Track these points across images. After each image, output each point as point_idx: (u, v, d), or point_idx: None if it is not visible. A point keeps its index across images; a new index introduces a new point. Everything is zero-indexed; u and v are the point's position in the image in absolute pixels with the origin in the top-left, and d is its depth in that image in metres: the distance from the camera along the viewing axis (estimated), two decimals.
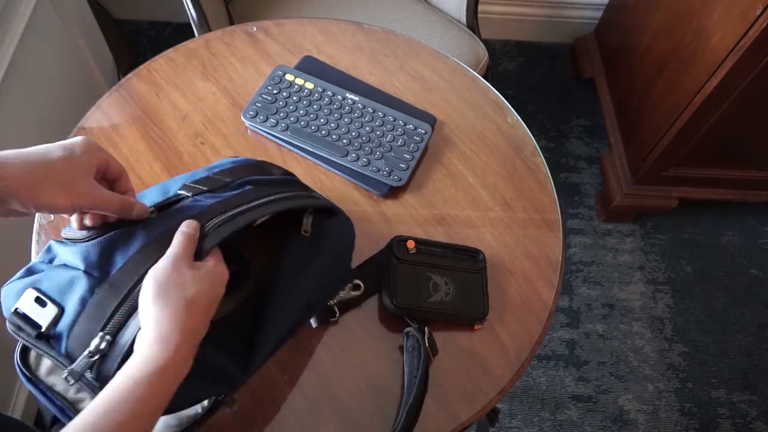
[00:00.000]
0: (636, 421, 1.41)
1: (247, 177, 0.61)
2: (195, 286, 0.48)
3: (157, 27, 1.89)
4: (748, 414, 1.44)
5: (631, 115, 1.56)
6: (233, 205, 0.56)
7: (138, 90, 0.86)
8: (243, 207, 0.56)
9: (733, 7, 1.14)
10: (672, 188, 1.55)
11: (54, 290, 0.51)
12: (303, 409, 0.64)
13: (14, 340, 0.51)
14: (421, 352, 0.64)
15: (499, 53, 1.97)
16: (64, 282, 0.51)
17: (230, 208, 0.55)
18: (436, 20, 1.28)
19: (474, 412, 0.65)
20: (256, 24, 0.94)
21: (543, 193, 0.82)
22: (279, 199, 0.59)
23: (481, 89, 0.91)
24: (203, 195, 0.57)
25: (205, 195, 0.57)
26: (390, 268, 0.69)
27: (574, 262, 1.61)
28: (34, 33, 1.18)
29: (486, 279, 0.72)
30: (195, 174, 0.61)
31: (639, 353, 1.50)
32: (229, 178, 0.60)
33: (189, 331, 0.47)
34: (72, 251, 0.52)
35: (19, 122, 1.15)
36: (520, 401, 1.41)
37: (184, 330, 0.46)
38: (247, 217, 0.55)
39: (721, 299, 1.59)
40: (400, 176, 0.79)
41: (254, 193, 0.58)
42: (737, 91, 1.21)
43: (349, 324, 0.69)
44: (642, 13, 1.51)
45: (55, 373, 0.53)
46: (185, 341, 0.46)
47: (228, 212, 0.55)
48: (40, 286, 0.51)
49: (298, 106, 0.84)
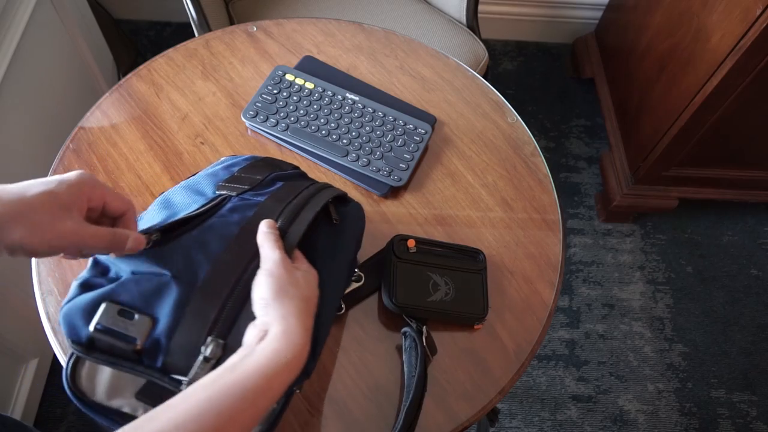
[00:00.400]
0: (636, 421, 1.41)
1: (271, 173, 0.61)
2: (306, 286, 0.49)
3: (157, 27, 1.89)
4: (748, 414, 1.44)
5: (631, 115, 1.56)
6: (285, 201, 0.56)
7: (138, 90, 0.86)
8: (295, 201, 0.56)
9: (733, 7, 1.14)
10: (672, 188, 1.55)
11: (139, 300, 0.47)
12: (303, 409, 0.64)
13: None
14: (418, 352, 0.64)
15: (499, 53, 1.97)
16: (150, 290, 0.47)
17: (284, 204, 0.56)
18: (436, 20, 1.28)
19: (474, 412, 0.65)
20: (256, 24, 0.94)
21: (543, 193, 0.82)
22: (316, 190, 0.59)
23: (481, 89, 0.91)
24: (247, 193, 0.57)
25: (249, 193, 0.57)
26: (390, 267, 0.69)
27: (574, 262, 1.61)
28: (34, 33, 1.18)
29: (486, 279, 0.72)
30: (215, 174, 0.61)
31: (639, 353, 1.50)
32: (259, 176, 0.60)
33: (308, 330, 0.47)
34: (141, 259, 0.49)
35: (20, 122, 1.15)
36: (520, 401, 1.41)
37: (307, 328, 0.46)
38: (308, 211, 0.55)
39: (721, 299, 1.59)
40: (400, 176, 0.79)
41: (291, 187, 0.59)
42: (737, 91, 1.21)
43: (349, 324, 0.69)
44: (642, 13, 1.51)
45: (120, 395, 0.48)
46: (307, 339, 0.46)
47: (286, 209, 0.55)
48: (118, 298, 0.46)
49: (298, 106, 0.84)
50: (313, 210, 0.56)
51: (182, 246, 0.50)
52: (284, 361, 0.43)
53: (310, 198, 0.57)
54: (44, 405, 1.27)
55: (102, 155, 0.80)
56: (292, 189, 0.59)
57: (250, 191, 0.58)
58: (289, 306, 0.46)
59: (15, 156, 1.14)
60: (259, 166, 0.63)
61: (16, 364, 1.18)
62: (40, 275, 0.70)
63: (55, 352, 0.66)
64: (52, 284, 0.69)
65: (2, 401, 1.13)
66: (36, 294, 0.69)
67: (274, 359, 0.43)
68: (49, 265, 0.71)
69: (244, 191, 0.57)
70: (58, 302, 0.68)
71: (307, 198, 0.57)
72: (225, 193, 0.57)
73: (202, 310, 0.47)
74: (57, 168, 0.79)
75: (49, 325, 0.67)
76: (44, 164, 0.83)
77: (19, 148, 1.15)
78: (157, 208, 0.58)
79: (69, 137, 0.81)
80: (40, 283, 0.70)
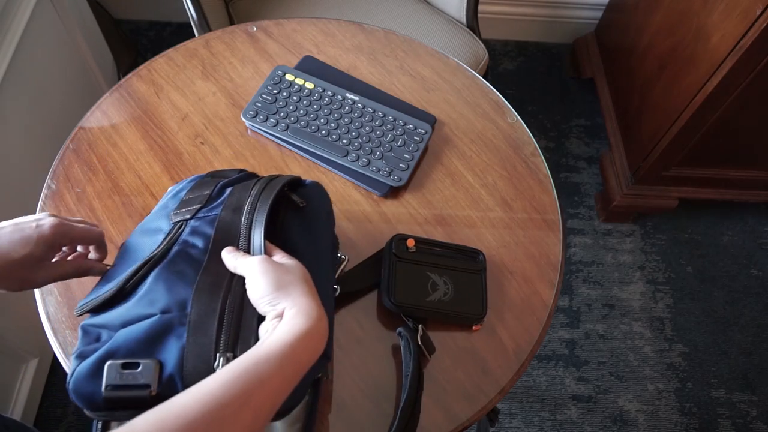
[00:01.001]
0: (636, 421, 1.41)
1: (218, 183, 0.61)
2: (298, 269, 0.50)
3: (157, 27, 1.89)
4: (748, 414, 1.44)
5: (631, 115, 1.56)
6: (241, 203, 0.56)
7: (138, 90, 0.86)
8: (250, 199, 0.56)
9: (733, 7, 1.14)
10: (672, 188, 1.55)
11: (137, 349, 0.47)
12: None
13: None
14: (412, 351, 0.64)
15: (499, 53, 1.97)
16: (145, 335, 0.47)
17: (241, 205, 0.55)
18: (436, 20, 1.28)
19: (474, 412, 0.65)
20: (256, 24, 0.94)
21: (543, 193, 0.82)
22: (266, 182, 0.59)
23: (481, 89, 0.91)
24: (201, 211, 0.57)
25: (203, 211, 0.57)
26: (389, 266, 0.69)
27: (574, 262, 1.61)
28: (34, 33, 1.18)
29: (485, 280, 0.72)
30: (164, 206, 0.61)
31: (639, 353, 1.50)
32: (207, 191, 0.60)
33: (320, 304, 0.47)
34: (125, 309, 0.49)
35: (20, 122, 1.15)
36: (520, 401, 1.41)
37: (318, 302, 0.47)
38: (264, 202, 0.55)
39: (721, 299, 1.59)
40: (400, 176, 0.79)
41: (242, 189, 0.58)
42: (737, 91, 1.21)
43: (349, 324, 0.69)
44: (642, 12, 1.51)
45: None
46: (322, 311, 0.47)
47: (244, 208, 0.55)
48: (117, 355, 0.46)
49: (298, 106, 0.84)
50: (268, 198, 0.55)
51: (159, 281, 0.50)
52: (305, 329, 0.44)
53: (262, 191, 0.57)
54: (44, 405, 1.27)
55: (102, 155, 0.80)
56: (243, 190, 0.58)
57: (203, 209, 0.57)
58: (293, 290, 0.47)
59: (15, 156, 1.14)
60: (205, 182, 0.62)
61: (16, 364, 1.18)
62: None
63: (55, 352, 0.66)
64: (52, 284, 0.69)
65: (2, 401, 1.13)
66: (36, 294, 0.69)
67: (294, 329, 0.44)
68: None
69: (197, 211, 0.57)
70: (58, 302, 0.68)
71: (260, 191, 0.57)
72: (179, 219, 0.56)
73: (202, 333, 0.47)
74: (57, 168, 0.79)
75: (49, 325, 0.67)
76: (44, 164, 0.83)
77: (19, 148, 1.15)
78: (119, 261, 0.57)
79: (69, 137, 0.81)
80: None
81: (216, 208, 0.57)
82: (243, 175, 0.64)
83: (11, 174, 1.12)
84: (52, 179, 0.78)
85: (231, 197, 0.57)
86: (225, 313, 0.48)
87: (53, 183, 0.78)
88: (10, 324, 1.11)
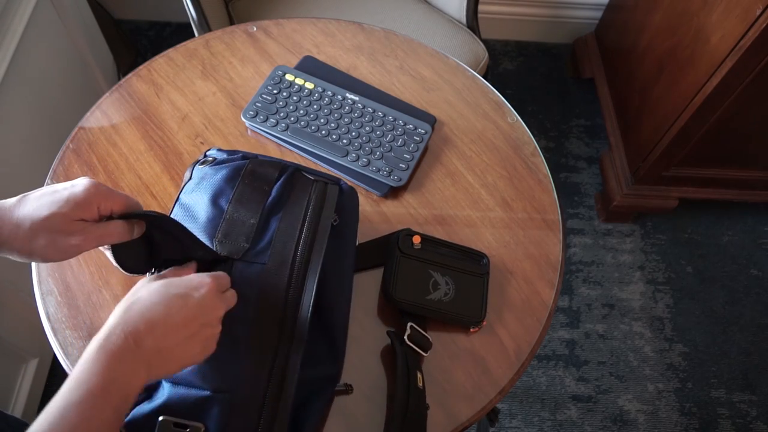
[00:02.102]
0: (636, 421, 1.41)
1: (263, 202, 0.60)
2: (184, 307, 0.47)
3: (157, 27, 1.89)
4: (748, 414, 1.44)
5: (631, 115, 1.56)
6: (282, 259, 0.57)
7: (138, 90, 0.86)
8: (297, 258, 0.57)
9: (733, 7, 1.14)
10: (672, 188, 1.55)
11: (186, 413, 0.51)
12: None
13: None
14: (396, 351, 0.64)
15: (499, 53, 1.97)
16: (192, 403, 0.51)
17: (283, 262, 0.57)
18: (436, 20, 1.28)
19: (474, 412, 0.65)
20: (256, 24, 0.94)
21: (543, 193, 0.82)
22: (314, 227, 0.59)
23: (481, 89, 0.91)
24: (249, 254, 0.57)
25: (250, 254, 0.57)
26: (393, 260, 0.69)
27: (574, 262, 1.61)
28: (34, 33, 1.18)
29: (488, 283, 0.72)
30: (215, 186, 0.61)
31: (639, 353, 1.50)
32: (251, 216, 0.59)
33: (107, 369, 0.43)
34: (183, 378, 0.52)
35: (20, 122, 1.15)
36: (520, 401, 1.41)
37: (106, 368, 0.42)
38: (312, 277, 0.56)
39: (721, 299, 1.59)
40: (400, 176, 0.79)
41: (288, 227, 0.59)
42: (737, 91, 1.21)
43: (349, 324, 0.69)
44: (642, 13, 1.51)
45: None
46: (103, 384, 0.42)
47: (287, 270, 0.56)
48: (167, 413, 0.51)
49: (298, 106, 0.84)
50: (324, 236, 0.57)
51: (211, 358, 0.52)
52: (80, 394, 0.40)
53: (311, 241, 0.57)
54: (44, 405, 1.27)
55: (102, 155, 0.80)
56: (289, 228, 0.58)
57: (251, 250, 0.57)
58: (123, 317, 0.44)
59: (15, 156, 1.14)
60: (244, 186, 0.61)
61: (16, 364, 1.18)
62: (40, 275, 0.70)
63: (55, 352, 0.66)
64: (52, 284, 0.69)
65: (2, 401, 1.13)
66: (36, 294, 0.69)
67: (68, 395, 0.40)
68: (49, 266, 0.71)
69: (244, 252, 0.57)
70: (58, 302, 0.68)
71: (308, 241, 0.57)
72: (224, 253, 0.56)
73: (245, 415, 0.50)
74: (57, 168, 0.79)
75: (49, 325, 0.67)
76: (44, 164, 0.83)
77: (19, 148, 1.15)
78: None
79: (69, 137, 0.81)
80: (40, 283, 0.70)
81: (263, 254, 0.57)
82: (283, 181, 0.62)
83: (11, 174, 1.12)
84: (52, 179, 0.78)
85: (277, 240, 0.57)
86: (266, 398, 0.51)
87: (53, 183, 0.77)
88: (10, 324, 1.11)
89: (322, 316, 0.61)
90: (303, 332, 0.53)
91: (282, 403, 0.51)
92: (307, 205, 0.60)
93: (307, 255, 0.56)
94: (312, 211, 0.60)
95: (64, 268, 0.70)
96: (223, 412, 0.50)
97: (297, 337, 0.53)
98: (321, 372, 0.60)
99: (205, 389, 0.51)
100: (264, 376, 0.52)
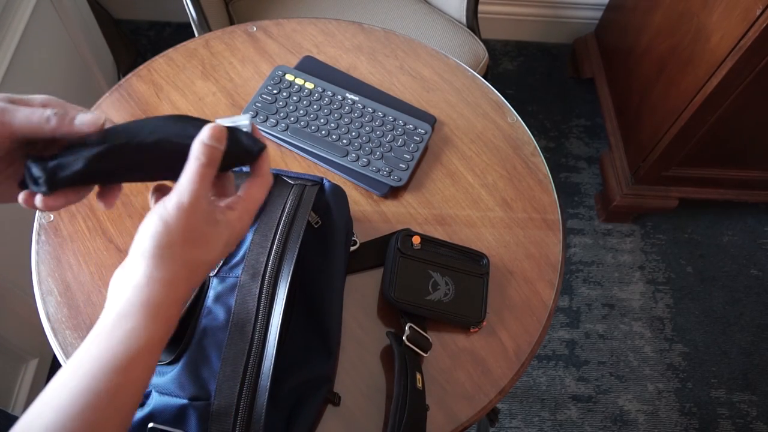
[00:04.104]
0: (636, 421, 1.41)
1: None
2: (207, 248, 0.41)
3: (157, 27, 1.89)
4: (748, 414, 1.44)
5: (631, 115, 1.56)
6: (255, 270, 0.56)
7: (138, 90, 0.86)
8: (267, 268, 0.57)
9: (733, 7, 1.14)
10: (672, 188, 1.55)
11: (170, 420, 0.53)
12: None
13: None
14: (395, 353, 0.64)
15: (499, 53, 1.97)
16: (175, 412, 0.53)
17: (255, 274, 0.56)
18: (436, 20, 1.28)
19: (474, 412, 0.65)
20: (256, 24, 0.94)
21: (543, 193, 0.82)
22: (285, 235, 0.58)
23: (481, 89, 0.91)
24: (223, 270, 0.58)
25: (224, 269, 0.58)
26: (392, 260, 0.69)
27: (574, 262, 1.61)
28: (34, 33, 1.18)
29: (487, 284, 0.72)
30: None
31: (639, 353, 1.50)
32: None
33: (181, 301, 0.40)
34: (166, 379, 0.55)
35: None
36: (520, 401, 1.41)
37: (179, 300, 0.40)
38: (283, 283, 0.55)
39: (721, 299, 1.59)
40: (400, 176, 0.79)
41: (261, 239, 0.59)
42: (737, 91, 1.21)
43: (349, 324, 0.69)
44: (642, 13, 1.51)
45: None
46: (177, 313, 0.40)
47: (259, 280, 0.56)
48: (154, 420, 0.53)
49: (298, 106, 0.84)
50: (296, 244, 0.56)
51: (185, 368, 0.54)
52: (146, 344, 0.37)
53: (282, 248, 0.57)
54: None
55: None
56: (263, 240, 0.58)
57: (225, 266, 0.58)
58: (164, 272, 0.39)
59: None
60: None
61: (16, 364, 1.18)
62: (39, 275, 0.70)
63: (55, 352, 0.66)
64: (52, 284, 0.69)
65: (2, 401, 1.14)
66: (36, 294, 0.69)
67: (127, 343, 0.37)
68: (49, 265, 0.71)
69: (218, 269, 0.58)
70: (57, 302, 0.68)
71: (279, 248, 0.57)
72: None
73: (222, 423, 0.52)
74: None
75: (49, 325, 0.67)
76: None
77: None
78: None
79: None
80: (40, 283, 0.70)
81: (237, 268, 0.57)
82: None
83: None
84: None
85: (250, 252, 0.57)
86: (240, 405, 0.52)
87: None
88: (10, 324, 1.11)
89: (312, 316, 0.61)
90: (274, 340, 0.54)
91: (256, 409, 0.52)
92: (282, 212, 0.59)
93: (278, 264, 0.57)
94: (286, 218, 0.59)
95: (64, 269, 0.70)
96: (200, 418, 0.52)
97: (269, 345, 0.54)
98: (314, 372, 0.61)
99: (182, 398, 0.53)
100: (236, 384, 0.53)
